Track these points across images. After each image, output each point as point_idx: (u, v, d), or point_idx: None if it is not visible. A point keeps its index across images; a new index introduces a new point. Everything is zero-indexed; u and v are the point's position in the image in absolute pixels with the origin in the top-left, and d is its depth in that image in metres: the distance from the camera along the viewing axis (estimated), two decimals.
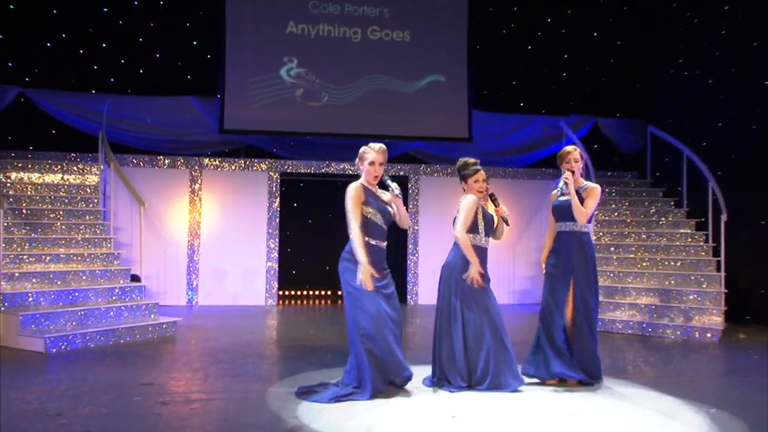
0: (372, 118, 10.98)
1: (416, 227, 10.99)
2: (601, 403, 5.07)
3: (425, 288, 10.84)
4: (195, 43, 10.99)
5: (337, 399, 4.88)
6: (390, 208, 5.24)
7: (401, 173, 11.07)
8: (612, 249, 9.61)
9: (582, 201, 5.69)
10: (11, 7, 10.29)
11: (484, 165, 10.96)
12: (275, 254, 10.49)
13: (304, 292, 11.45)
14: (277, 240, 10.53)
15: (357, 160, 5.28)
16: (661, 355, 7.05)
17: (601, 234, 9.89)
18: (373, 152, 5.22)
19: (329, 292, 11.50)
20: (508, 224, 5.58)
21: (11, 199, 8.48)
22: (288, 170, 10.69)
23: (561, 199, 5.77)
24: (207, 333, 7.87)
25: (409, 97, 11.14)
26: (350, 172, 10.91)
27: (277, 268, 10.51)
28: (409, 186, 11.03)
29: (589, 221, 5.75)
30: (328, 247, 11.28)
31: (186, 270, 10.18)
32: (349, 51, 11.01)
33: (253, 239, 10.40)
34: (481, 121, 11.61)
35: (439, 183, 11.05)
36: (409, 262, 10.97)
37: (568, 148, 5.82)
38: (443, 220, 11.38)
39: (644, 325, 8.32)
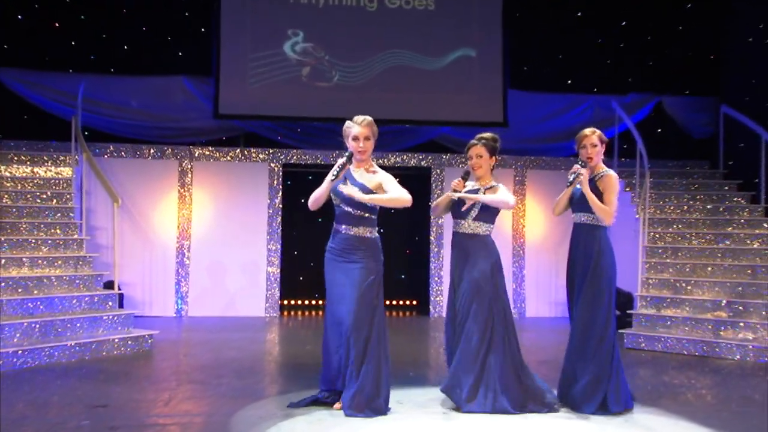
0: (390, 99, 10.94)
1: (441, 229, 10.92)
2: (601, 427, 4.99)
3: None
4: (186, 14, 11.11)
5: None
6: (349, 190, 5.27)
7: (422, 163, 11.03)
8: (669, 252, 9.40)
9: (598, 194, 5.61)
10: None
11: (521, 154, 11.20)
12: (277, 258, 10.55)
13: (312, 302, 11.47)
14: (279, 242, 10.59)
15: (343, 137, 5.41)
16: (715, 380, 6.87)
17: (656, 236, 9.69)
18: (356, 126, 5.39)
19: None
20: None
21: None
22: (292, 161, 10.75)
23: (577, 187, 5.72)
24: (188, 348, 7.97)
25: (434, 76, 11.06)
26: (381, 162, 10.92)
27: (279, 274, 10.58)
28: (432, 179, 10.98)
29: None
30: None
31: (174, 276, 10.31)
32: (364, 22, 10.98)
33: (251, 241, 10.48)
34: (520, 103, 11.48)
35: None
36: (431, 267, 10.91)
37: (586, 131, 5.73)
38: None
39: (702, 345, 8.10)
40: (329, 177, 5.31)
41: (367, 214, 5.39)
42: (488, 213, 5.60)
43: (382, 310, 5.41)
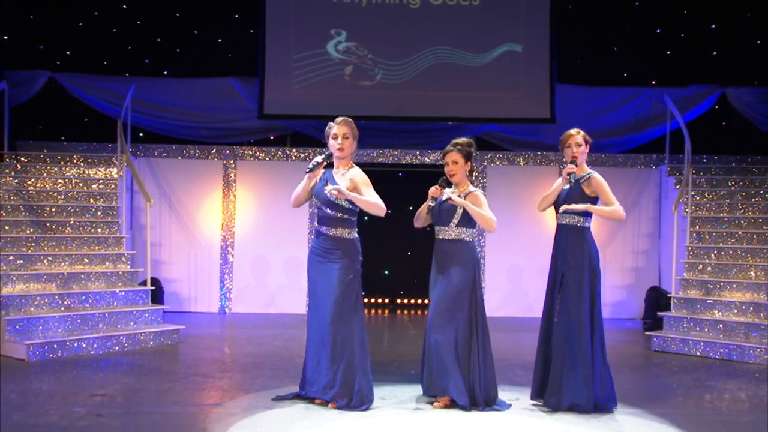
0: (434, 97, 11.16)
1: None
2: (568, 428, 5.15)
3: (495, 296, 10.92)
4: (236, 16, 11.70)
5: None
6: (330, 194, 5.58)
7: None
8: (713, 253, 9.28)
9: (585, 196, 5.77)
10: None
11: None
12: None
13: (364, 300, 11.82)
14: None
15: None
16: (724, 384, 6.87)
17: (702, 235, 9.59)
18: (335, 125, 5.81)
19: (387, 300, 11.85)
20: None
21: (25, 195, 9.51)
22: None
23: (565, 188, 5.88)
24: (212, 343, 8.50)
25: (479, 72, 11.19)
26: (408, 161, 11.23)
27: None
28: (473, 178, 11.13)
29: (590, 216, 5.81)
30: (388, 248, 11.73)
31: (218, 273, 10.91)
32: (407, 19, 11.24)
33: (293, 239, 10.91)
34: (572, 97, 11.49)
35: (510, 173, 11.09)
36: None
37: (571, 131, 5.94)
38: (515, 216, 11.52)
39: (731, 349, 8.00)
40: (305, 171, 5.70)
41: (346, 216, 5.73)
42: (470, 218, 5.83)
43: (360, 307, 5.75)
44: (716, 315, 8.50)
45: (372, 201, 5.63)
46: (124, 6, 11.57)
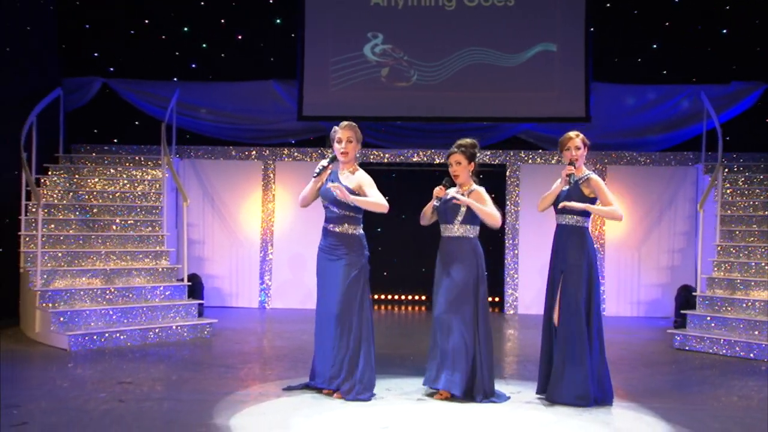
0: (469, 97, 11.43)
1: (516, 225, 11.31)
2: (558, 419, 5.36)
3: (527, 294, 11.14)
4: (278, 21, 12.17)
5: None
6: (335, 191, 5.93)
7: (496, 161, 11.44)
8: (743, 252, 9.32)
9: (584, 196, 5.99)
10: None
11: (605, 149, 11.31)
12: None
13: (395, 297, 12.22)
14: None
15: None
16: (731, 382, 6.98)
17: (734, 234, 9.62)
18: (339, 129, 6.13)
19: (424, 298, 12.17)
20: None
21: (75, 195, 10.15)
22: (369, 160, 11.52)
23: (564, 188, 6.11)
24: (244, 336, 8.97)
25: (514, 72, 11.40)
26: (442, 160, 11.49)
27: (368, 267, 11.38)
28: (507, 175, 11.37)
29: (589, 216, 6.03)
30: (425, 247, 11.96)
31: (258, 270, 11.40)
32: (442, 21, 11.52)
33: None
34: (609, 96, 11.61)
35: (543, 171, 11.25)
36: (506, 265, 11.33)
37: (570, 134, 6.14)
38: (547, 214, 11.51)
39: (748, 347, 8.08)
40: (312, 176, 6.08)
41: (351, 213, 6.09)
42: (474, 216, 6.11)
43: (368, 302, 6.10)
44: (739, 314, 8.56)
45: (372, 201, 5.97)
46: (172, 14, 12.15)
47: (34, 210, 9.21)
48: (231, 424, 5.30)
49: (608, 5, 11.67)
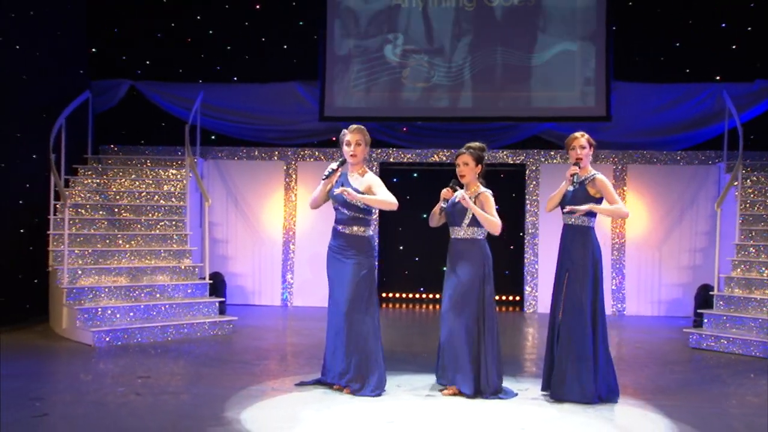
0: (490, 97, 11.53)
1: (536, 224, 11.39)
2: (562, 416, 5.48)
3: (547, 293, 11.16)
4: (300, 23, 12.37)
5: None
6: (343, 194, 6.11)
7: (517, 160, 11.53)
8: (762, 255, 9.32)
9: (589, 196, 6.09)
10: None
11: (625, 148, 11.34)
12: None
13: (416, 296, 12.35)
14: (376, 237, 11.55)
15: None
16: (741, 380, 7.04)
17: (751, 234, 9.62)
18: (348, 133, 6.29)
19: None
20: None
21: (102, 195, 10.44)
22: (390, 159, 11.67)
23: (569, 189, 6.22)
24: (263, 333, 9.18)
25: (534, 72, 11.45)
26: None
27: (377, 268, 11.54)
28: (527, 175, 11.45)
29: (594, 217, 6.13)
30: (443, 246, 12.05)
31: (281, 268, 11.62)
32: (463, 22, 11.62)
33: None
34: (630, 95, 11.59)
35: (563, 171, 11.19)
36: (525, 264, 11.42)
37: (576, 134, 6.26)
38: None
39: (763, 347, 8.10)
40: (321, 178, 6.27)
41: (360, 215, 6.26)
42: None
43: (374, 300, 6.27)
44: (756, 314, 8.57)
45: (380, 199, 6.13)
46: (198, 17, 12.40)
47: (62, 210, 9.50)
48: (242, 417, 5.49)
49: (630, 4, 11.68)
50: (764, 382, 6.98)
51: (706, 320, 8.86)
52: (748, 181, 10.39)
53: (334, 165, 6.27)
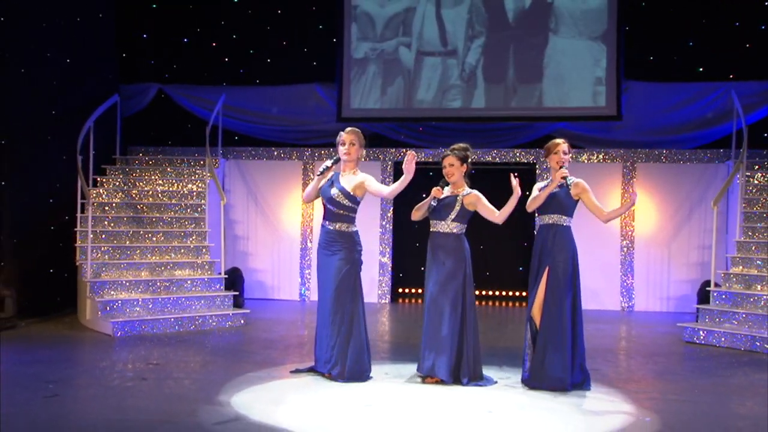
0: (502, 97, 11.92)
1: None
2: (532, 402, 5.90)
3: None
4: (320, 27, 12.89)
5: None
6: (332, 191, 6.61)
7: (526, 158, 11.88)
8: (763, 252, 9.56)
9: (570, 200, 6.54)
10: (154, 6, 13.09)
11: (636, 147, 11.62)
12: (388, 249, 12.04)
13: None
14: (390, 235, 12.06)
15: None
16: (723, 371, 7.35)
17: (751, 232, 9.86)
18: (343, 134, 6.78)
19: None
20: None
21: (128, 194, 11.11)
22: (403, 159, 12.09)
23: (555, 190, 6.62)
24: (274, 326, 9.73)
25: (546, 71, 11.82)
26: (474, 159, 12.02)
27: (390, 264, 12.06)
28: (537, 174, 11.80)
29: (572, 216, 6.55)
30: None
31: (299, 264, 12.17)
32: (475, 24, 12.02)
33: (364, 234, 11.85)
34: (642, 94, 11.87)
35: (572, 169, 11.46)
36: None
37: (557, 140, 6.67)
38: (580, 216, 11.81)
39: (753, 340, 8.38)
40: (316, 174, 6.77)
41: (345, 212, 6.74)
42: (464, 215, 6.70)
43: (359, 293, 6.75)
44: (751, 309, 8.84)
45: (391, 190, 6.54)
46: (222, 22, 13.01)
47: (87, 208, 10.16)
48: (232, 400, 6.01)
49: (643, 4, 11.95)
50: (740, 373, 7.29)
51: (701, 314, 9.14)
52: (754, 179, 10.61)
53: (328, 162, 6.75)
